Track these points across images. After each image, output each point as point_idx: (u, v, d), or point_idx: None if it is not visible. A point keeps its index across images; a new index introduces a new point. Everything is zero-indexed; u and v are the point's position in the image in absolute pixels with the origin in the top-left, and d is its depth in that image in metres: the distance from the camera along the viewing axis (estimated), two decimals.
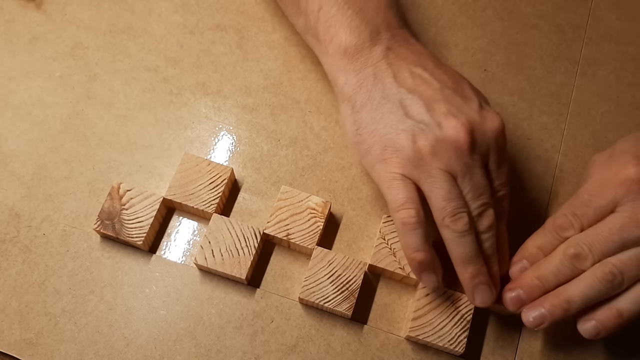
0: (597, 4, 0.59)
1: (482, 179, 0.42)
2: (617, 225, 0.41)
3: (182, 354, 0.46)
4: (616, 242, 0.41)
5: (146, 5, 0.57)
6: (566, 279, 0.42)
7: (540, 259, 0.44)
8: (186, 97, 0.54)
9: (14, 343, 0.46)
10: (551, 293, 0.42)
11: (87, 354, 0.45)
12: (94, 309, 0.47)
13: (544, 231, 0.45)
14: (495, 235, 0.43)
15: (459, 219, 0.41)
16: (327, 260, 0.46)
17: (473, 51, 0.56)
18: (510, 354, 0.47)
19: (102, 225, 0.47)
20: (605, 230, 0.41)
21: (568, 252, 0.42)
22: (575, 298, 0.41)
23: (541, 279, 0.43)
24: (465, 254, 0.42)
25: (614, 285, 0.41)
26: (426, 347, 0.46)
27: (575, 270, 0.42)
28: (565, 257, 0.42)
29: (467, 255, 0.42)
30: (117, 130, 0.52)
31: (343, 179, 0.51)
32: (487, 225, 0.42)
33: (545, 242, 0.44)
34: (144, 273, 0.48)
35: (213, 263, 0.46)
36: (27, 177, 0.51)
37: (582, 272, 0.42)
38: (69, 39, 0.56)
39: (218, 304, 0.47)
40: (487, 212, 0.42)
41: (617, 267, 0.40)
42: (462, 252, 0.42)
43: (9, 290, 0.47)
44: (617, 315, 0.41)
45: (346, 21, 0.45)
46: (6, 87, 0.54)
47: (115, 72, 0.55)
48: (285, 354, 0.46)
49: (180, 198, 0.48)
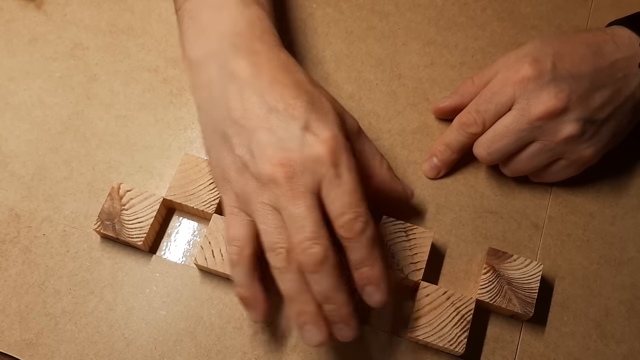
0: (597, 4, 0.59)
1: (304, 211, 0.38)
2: (511, 118, 0.46)
3: (182, 354, 0.46)
4: (512, 136, 0.46)
5: (146, 6, 0.57)
6: (466, 145, 0.49)
7: (448, 154, 0.50)
8: (186, 97, 0.54)
9: (14, 343, 0.46)
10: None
11: (87, 355, 0.45)
12: (94, 309, 0.47)
13: (451, 129, 0.50)
14: (333, 273, 0.38)
15: (277, 254, 0.39)
16: None
17: (473, 51, 0.56)
18: (510, 354, 0.47)
19: (102, 226, 0.47)
20: (501, 127, 0.47)
21: (461, 120, 0.49)
22: (454, 142, 0.50)
23: (447, 145, 0.50)
24: (286, 291, 0.39)
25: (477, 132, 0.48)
26: (426, 348, 0.46)
27: (470, 136, 0.49)
28: (460, 125, 0.49)
29: (288, 292, 0.39)
30: (117, 131, 0.52)
31: None
32: (312, 263, 0.38)
33: (452, 139, 0.50)
34: (144, 273, 0.48)
35: (213, 263, 0.46)
36: (27, 177, 0.51)
37: (475, 138, 0.48)
38: (69, 40, 0.56)
39: (218, 304, 0.47)
40: (311, 250, 0.37)
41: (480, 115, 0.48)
42: (283, 289, 0.39)
43: (9, 290, 0.47)
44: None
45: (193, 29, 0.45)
46: (6, 88, 0.54)
47: (115, 73, 0.55)
48: (285, 354, 0.46)
49: (181, 198, 0.48)
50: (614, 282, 0.49)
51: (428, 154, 0.52)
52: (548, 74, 0.45)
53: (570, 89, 0.45)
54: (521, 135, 0.46)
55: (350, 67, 0.55)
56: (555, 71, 0.46)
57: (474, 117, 0.48)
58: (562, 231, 0.50)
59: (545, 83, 0.45)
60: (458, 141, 0.49)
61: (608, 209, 0.51)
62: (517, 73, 0.46)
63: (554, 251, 0.50)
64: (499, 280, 0.46)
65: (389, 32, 0.57)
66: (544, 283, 0.48)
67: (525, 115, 0.46)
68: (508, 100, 0.46)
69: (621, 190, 0.52)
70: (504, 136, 0.47)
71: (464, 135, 0.49)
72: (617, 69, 0.46)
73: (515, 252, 0.49)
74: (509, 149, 0.47)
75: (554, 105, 0.45)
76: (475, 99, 0.49)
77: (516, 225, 0.50)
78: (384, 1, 0.58)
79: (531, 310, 0.45)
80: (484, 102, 0.48)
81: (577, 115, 0.45)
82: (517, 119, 0.46)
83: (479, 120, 0.48)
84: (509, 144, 0.47)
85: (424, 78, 0.55)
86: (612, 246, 0.50)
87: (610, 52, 0.47)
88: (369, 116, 0.53)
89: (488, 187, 0.52)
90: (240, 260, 0.41)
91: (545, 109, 0.45)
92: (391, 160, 0.52)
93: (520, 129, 0.46)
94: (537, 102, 0.45)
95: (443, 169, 0.51)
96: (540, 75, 0.45)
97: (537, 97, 0.45)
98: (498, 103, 0.47)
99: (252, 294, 0.42)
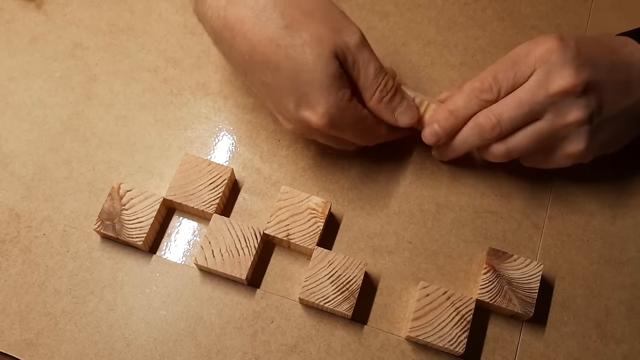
0: (597, 4, 0.59)
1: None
2: (527, 89, 0.44)
3: (183, 354, 0.46)
4: (525, 107, 0.44)
5: (146, 6, 0.57)
6: (474, 112, 0.46)
7: (452, 121, 0.47)
8: (186, 97, 0.54)
9: (14, 343, 0.46)
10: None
11: (87, 355, 0.45)
12: (94, 309, 0.47)
13: (460, 95, 0.47)
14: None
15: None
16: (327, 260, 0.46)
17: (473, 51, 0.56)
18: (510, 354, 0.47)
19: (102, 226, 0.47)
20: (515, 98, 0.45)
21: (474, 86, 0.46)
22: (461, 109, 0.47)
23: (452, 112, 0.47)
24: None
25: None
26: (426, 348, 0.46)
27: (482, 104, 0.46)
28: (472, 90, 0.46)
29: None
30: (117, 131, 0.52)
31: (343, 179, 0.51)
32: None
33: (460, 106, 0.47)
34: (144, 273, 0.48)
35: (213, 263, 0.46)
36: (27, 177, 0.51)
37: (488, 106, 0.46)
38: (69, 40, 0.56)
39: (218, 304, 0.47)
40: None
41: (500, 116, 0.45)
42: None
43: (9, 290, 0.47)
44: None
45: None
46: (6, 88, 0.54)
47: (115, 73, 0.55)
48: (285, 354, 0.46)
49: (181, 198, 0.48)
50: (614, 282, 0.49)
51: (431, 118, 0.48)
52: (572, 51, 0.44)
53: (590, 72, 0.44)
54: (534, 108, 0.44)
55: None
56: (579, 51, 0.44)
57: (490, 83, 0.46)
58: (562, 231, 0.50)
59: (569, 59, 0.44)
60: (467, 108, 0.47)
61: (608, 209, 0.51)
62: (541, 44, 0.45)
63: (554, 251, 0.50)
64: (499, 280, 0.46)
65: (389, 32, 0.57)
66: (544, 283, 0.48)
67: (542, 87, 0.44)
68: (528, 70, 0.45)
69: (621, 190, 0.52)
70: (517, 107, 0.45)
71: (475, 102, 0.46)
72: (633, 70, 0.46)
73: (515, 252, 0.49)
74: (519, 121, 0.45)
75: (573, 82, 0.43)
76: (493, 65, 0.47)
77: (516, 225, 0.50)
78: (384, 1, 0.58)
79: (531, 310, 0.45)
80: (503, 70, 0.45)
81: (589, 102, 0.44)
82: (533, 90, 0.44)
83: (495, 87, 0.45)
84: (520, 116, 0.45)
85: (424, 78, 0.55)
86: (612, 246, 0.50)
87: (627, 54, 0.46)
88: None
89: (488, 187, 0.52)
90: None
91: (565, 84, 0.43)
92: (391, 160, 0.52)
93: (535, 101, 0.44)
94: (557, 76, 0.44)
95: (444, 137, 0.48)
96: (565, 50, 0.44)
97: (558, 71, 0.44)
98: (518, 72, 0.45)
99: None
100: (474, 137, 0.47)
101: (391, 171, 0.52)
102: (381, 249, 0.49)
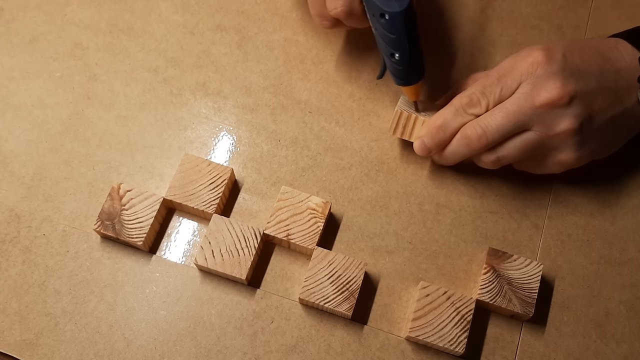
0: (597, 4, 0.59)
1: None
2: (513, 102, 0.45)
3: (183, 354, 0.46)
4: (511, 118, 0.45)
5: (146, 6, 0.57)
6: (462, 125, 0.47)
7: (441, 136, 0.48)
8: (186, 97, 0.54)
9: (14, 343, 0.46)
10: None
11: (87, 355, 0.45)
12: (94, 309, 0.47)
13: (447, 110, 0.48)
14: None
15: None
16: (328, 260, 0.46)
17: (473, 51, 0.56)
18: (510, 354, 0.47)
19: (102, 226, 0.47)
20: (502, 109, 0.46)
21: (462, 101, 0.47)
22: (449, 123, 0.48)
23: (441, 127, 0.48)
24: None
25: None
26: (426, 348, 0.46)
27: (470, 118, 0.47)
28: (461, 105, 0.47)
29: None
30: (117, 131, 0.52)
31: (343, 179, 0.51)
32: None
33: (448, 120, 0.48)
34: (144, 273, 0.48)
35: (213, 263, 0.46)
36: (27, 177, 0.51)
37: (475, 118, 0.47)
38: (69, 39, 0.56)
39: (218, 304, 0.47)
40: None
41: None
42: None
43: (9, 290, 0.47)
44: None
45: None
46: (6, 88, 0.54)
47: (115, 73, 0.55)
48: (285, 354, 0.46)
49: (181, 198, 0.48)
50: (614, 282, 0.49)
51: (421, 132, 0.49)
52: (558, 63, 0.45)
53: (577, 84, 0.45)
54: (521, 119, 0.45)
55: (350, 67, 0.55)
56: (565, 62, 0.45)
57: (479, 98, 0.47)
58: (562, 231, 0.50)
59: (554, 72, 0.45)
60: (455, 122, 0.47)
61: (608, 209, 0.51)
62: (527, 58, 0.46)
63: (554, 251, 0.50)
64: (499, 280, 0.46)
65: None
66: (544, 283, 0.48)
67: (529, 100, 0.45)
68: (514, 83, 0.46)
69: (621, 190, 0.52)
70: (504, 117, 0.45)
71: (464, 115, 0.47)
72: (621, 77, 0.46)
73: (515, 252, 0.49)
74: (506, 132, 0.46)
75: (558, 94, 0.44)
76: (480, 80, 0.48)
77: (516, 225, 0.50)
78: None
79: (531, 310, 0.45)
80: (490, 84, 0.47)
81: (578, 112, 0.45)
82: (519, 102, 0.45)
83: (483, 101, 0.46)
84: (506, 126, 0.45)
85: (424, 78, 0.55)
86: (612, 246, 0.50)
87: (617, 59, 0.46)
88: (370, 116, 0.53)
89: (488, 187, 0.52)
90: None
91: (550, 97, 0.44)
92: (392, 160, 0.52)
93: (521, 112, 0.45)
94: (542, 89, 0.45)
95: (434, 150, 0.49)
96: (550, 62, 0.45)
97: (543, 83, 0.45)
98: (504, 86, 0.46)
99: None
100: (462, 148, 0.47)
101: (391, 171, 0.52)
102: (381, 249, 0.49)
